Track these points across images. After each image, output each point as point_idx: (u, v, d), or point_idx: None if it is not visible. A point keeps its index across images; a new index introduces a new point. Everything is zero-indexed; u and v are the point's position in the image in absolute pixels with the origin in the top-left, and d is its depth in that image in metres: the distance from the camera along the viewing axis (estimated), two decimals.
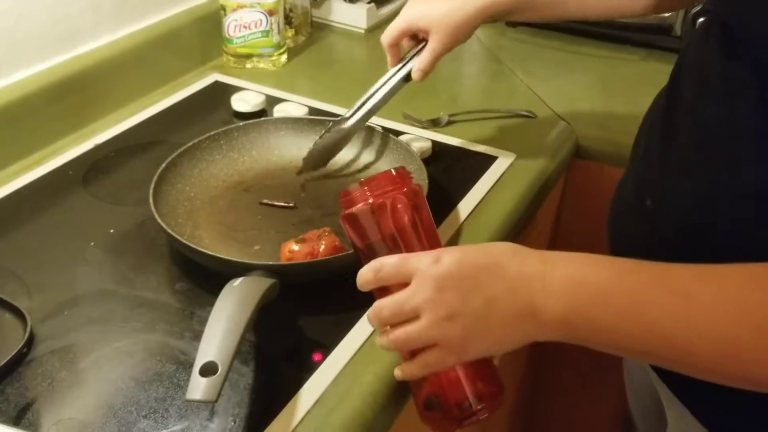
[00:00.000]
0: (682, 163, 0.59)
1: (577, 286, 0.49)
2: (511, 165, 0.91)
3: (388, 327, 0.54)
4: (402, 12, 0.82)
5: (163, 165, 0.79)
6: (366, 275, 0.54)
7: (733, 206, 0.53)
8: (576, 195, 1.06)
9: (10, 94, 0.88)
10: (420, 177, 0.80)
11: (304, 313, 0.69)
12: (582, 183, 1.04)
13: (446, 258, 0.51)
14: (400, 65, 0.83)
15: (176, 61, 1.10)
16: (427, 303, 0.50)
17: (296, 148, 0.89)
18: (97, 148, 0.93)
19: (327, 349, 0.65)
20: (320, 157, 0.86)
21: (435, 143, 0.92)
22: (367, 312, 0.55)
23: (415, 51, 0.82)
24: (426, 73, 0.81)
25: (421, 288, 0.51)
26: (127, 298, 0.70)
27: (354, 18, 1.29)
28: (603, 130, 1.01)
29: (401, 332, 0.52)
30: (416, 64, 0.81)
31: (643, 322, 0.47)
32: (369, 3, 1.30)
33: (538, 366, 1.24)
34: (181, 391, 0.60)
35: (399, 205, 0.56)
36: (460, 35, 0.80)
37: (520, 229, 0.87)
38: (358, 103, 0.84)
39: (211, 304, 0.59)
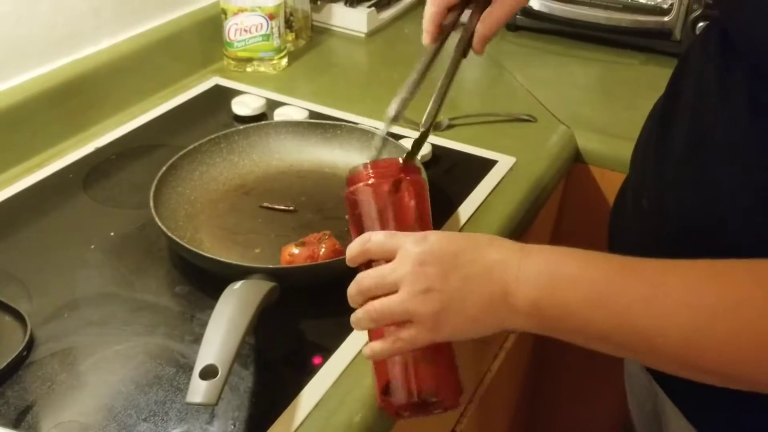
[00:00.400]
0: (679, 166, 0.60)
1: (549, 272, 0.50)
2: (511, 169, 0.91)
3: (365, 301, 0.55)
4: None
5: (164, 168, 0.80)
6: (354, 247, 0.55)
7: (728, 210, 0.53)
8: (576, 199, 1.06)
9: (11, 97, 0.89)
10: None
11: (304, 316, 0.69)
12: (582, 187, 1.04)
13: (431, 237, 0.53)
14: (442, 45, 0.69)
15: (177, 65, 1.10)
16: (407, 276, 0.51)
17: (297, 152, 0.89)
18: (98, 152, 0.93)
19: (327, 352, 0.65)
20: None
21: (435, 147, 0.93)
22: (349, 285, 0.55)
23: (453, 22, 0.70)
24: (489, 40, 0.69)
25: (404, 262, 0.52)
26: (128, 301, 0.70)
27: (354, 22, 1.29)
28: (603, 135, 1.01)
29: (378, 303, 0.53)
30: (479, 30, 0.69)
31: (608, 308, 0.48)
32: (369, 7, 1.30)
33: (539, 371, 1.23)
34: (181, 394, 0.60)
35: (400, 188, 0.56)
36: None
37: (521, 232, 0.87)
38: (405, 93, 0.69)
39: (211, 308, 0.59)
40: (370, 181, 0.57)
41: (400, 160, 0.59)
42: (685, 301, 0.46)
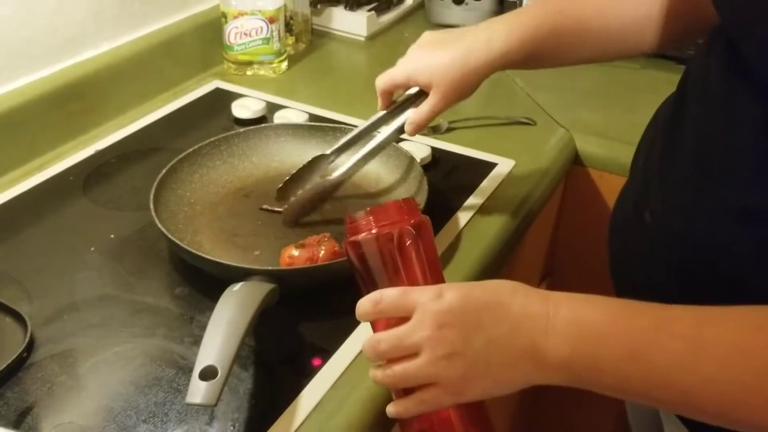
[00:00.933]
0: (682, 179, 0.59)
1: (580, 328, 0.48)
2: (511, 172, 0.91)
3: (384, 361, 0.53)
4: (401, 62, 0.75)
5: (164, 170, 0.80)
6: (365, 306, 0.53)
7: (731, 225, 0.53)
8: (575, 202, 1.06)
9: (11, 100, 0.89)
10: (420, 183, 0.81)
11: (303, 318, 0.69)
12: (581, 190, 1.04)
13: (448, 294, 0.50)
14: (393, 114, 0.76)
15: (177, 68, 1.10)
16: (427, 340, 0.49)
17: (297, 154, 0.89)
18: (98, 154, 0.94)
19: (327, 353, 0.65)
20: (302, 210, 0.79)
21: (435, 150, 0.93)
22: (363, 343, 0.54)
23: (409, 97, 0.76)
24: (421, 128, 0.74)
25: (422, 324, 0.50)
26: (127, 303, 0.71)
27: (354, 26, 1.29)
28: (602, 138, 1.01)
29: (399, 368, 0.51)
30: (412, 116, 0.74)
31: (645, 364, 0.46)
32: (369, 11, 1.31)
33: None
34: (180, 396, 0.60)
35: (405, 237, 0.54)
36: (465, 90, 0.72)
37: (520, 235, 0.87)
38: (342, 143, 0.78)
39: (211, 309, 0.59)
40: (374, 231, 0.54)
41: (401, 202, 0.57)
42: (726, 358, 0.44)
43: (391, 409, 0.54)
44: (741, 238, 0.52)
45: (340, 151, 0.79)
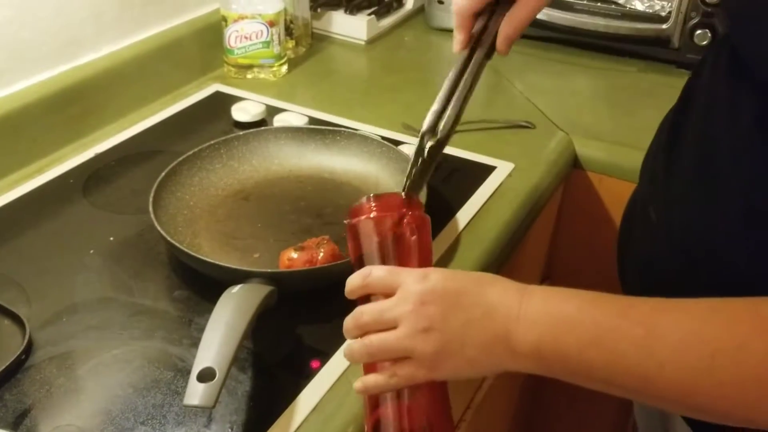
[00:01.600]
0: (686, 180, 0.59)
1: (549, 314, 0.50)
2: (510, 175, 0.91)
3: (362, 333, 0.54)
4: None
5: (163, 173, 0.80)
6: (354, 279, 0.55)
7: (733, 225, 0.53)
8: (574, 205, 1.06)
9: (12, 103, 0.89)
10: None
11: (302, 320, 0.69)
12: (580, 193, 1.04)
13: (433, 276, 0.52)
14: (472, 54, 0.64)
15: (177, 72, 1.10)
16: (407, 314, 0.51)
17: (296, 157, 0.89)
18: (98, 157, 0.94)
19: (325, 356, 0.65)
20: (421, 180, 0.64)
21: None
22: (346, 319, 0.54)
23: (486, 23, 0.65)
24: (512, 41, 0.65)
25: (405, 300, 0.52)
26: (126, 305, 0.71)
27: (354, 29, 1.30)
28: (601, 141, 1.02)
29: (376, 338, 0.53)
30: (503, 29, 0.63)
31: (606, 351, 0.48)
32: (369, 15, 1.31)
33: (540, 379, 1.23)
34: (178, 398, 0.60)
35: (402, 223, 0.56)
36: None
37: (519, 238, 0.87)
38: (438, 106, 0.64)
39: (210, 312, 0.60)
40: (373, 215, 0.56)
41: (403, 195, 0.58)
42: (680, 343, 0.46)
43: (358, 385, 0.54)
44: (742, 238, 0.52)
45: (441, 112, 0.63)
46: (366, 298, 0.55)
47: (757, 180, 0.51)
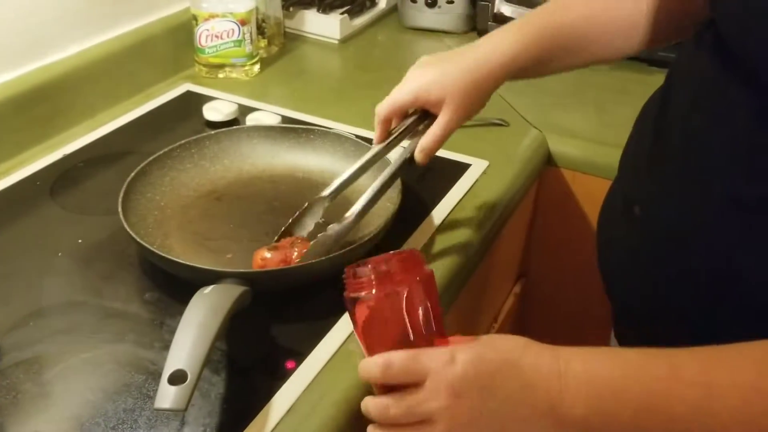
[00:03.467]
0: (671, 172, 0.59)
1: (593, 385, 0.48)
2: (484, 172, 0.91)
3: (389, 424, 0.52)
4: (406, 81, 0.70)
5: (133, 173, 0.78)
6: (373, 372, 0.51)
7: (718, 217, 0.53)
8: (549, 202, 1.06)
9: None
10: (394, 185, 0.80)
11: (277, 320, 0.68)
12: (555, 190, 1.04)
13: (460, 358, 0.49)
14: (389, 147, 0.71)
15: (147, 71, 1.09)
16: (444, 410, 0.48)
17: (269, 156, 0.88)
18: (66, 159, 0.92)
19: (300, 356, 0.64)
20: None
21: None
22: (366, 404, 0.52)
23: (407, 126, 0.71)
24: (434, 152, 0.69)
25: (437, 393, 0.48)
26: (96, 308, 0.69)
27: (327, 29, 1.29)
28: (574, 138, 1.02)
29: None
30: (423, 142, 0.69)
31: (663, 416, 0.47)
32: (342, 14, 1.30)
33: None
34: (150, 402, 0.59)
35: (412, 298, 0.51)
36: (479, 100, 0.69)
37: (494, 235, 0.87)
38: (338, 184, 0.72)
39: (182, 314, 0.58)
40: (381, 290, 0.51)
41: (406, 254, 0.54)
42: (741, 401, 0.44)
43: None
44: (729, 227, 0.52)
45: (336, 192, 0.73)
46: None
47: (747, 168, 0.51)
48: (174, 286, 0.70)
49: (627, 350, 0.50)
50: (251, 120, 0.98)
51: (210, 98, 1.04)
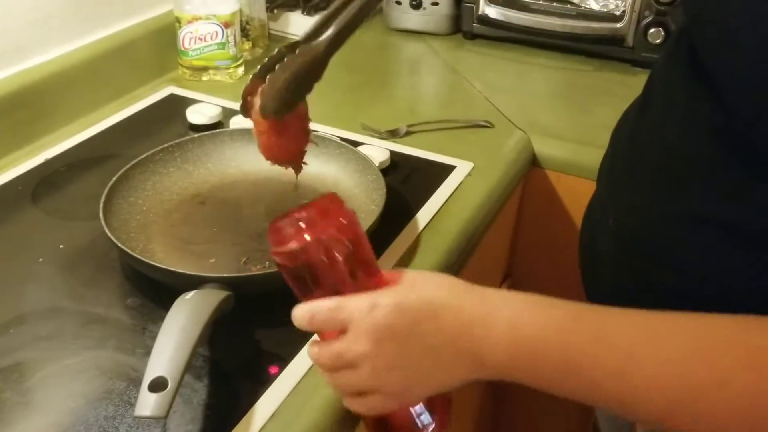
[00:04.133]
0: (644, 184, 0.59)
1: (517, 338, 0.48)
2: (469, 174, 0.91)
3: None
4: None
5: (115, 178, 0.78)
6: (300, 321, 0.52)
7: (688, 230, 0.53)
8: (534, 203, 1.06)
9: None
10: (378, 187, 0.80)
11: (260, 325, 0.67)
12: (539, 191, 1.05)
13: (382, 304, 0.49)
14: None
15: (130, 74, 1.08)
16: (365, 356, 0.50)
17: (254, 160, 0.88)
18: (48, 163, 0.91)
19: (284, 361, 0.63)
20: (286, 91, 0.60)
21: (393, 153, 0.92)
22: (307, 350, 0.54)
23: None
24: None
25: (357, 340, 0.50)
26: (77, 314, 0.68)
27: None
28: (559, 140, 1.02)
29: (342, 380, 0.52)
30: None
31: (578, 376, 0.47)
32: None
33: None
34: (131, 409, 0.58)
35: (334, 244, 0.51)
36: None
37: (479, 237, 0.87)
38: (314, 25, 0.63)
39: (164, 319, 0.58)
40: (306, 237, 0.51)
41: (326, 200, 0.54)
42: (658, 377, 0.45)
43: (345, 403, 0.55)
44: (695, 243, 0.52)
45: (313, 35, 0.63)
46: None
47: (706, 185, 0.51)
48: (156, 291, 0.69)
49: (560, 304, 0.50)
50: (235, 123, 0.97)
51: (194, 101, 1.04)
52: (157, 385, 0.50)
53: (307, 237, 0.51)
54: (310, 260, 0.51)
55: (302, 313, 0.52)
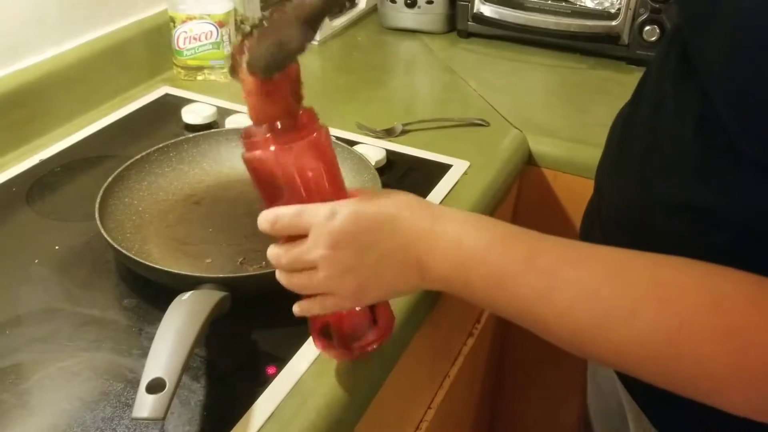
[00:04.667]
0: (633, 175, 0.60)
1: (459, 251, 0.51)
2: (465, 173, 0.91)
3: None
4: None
5: (110, 178, 0.77)
6: (263, 225, 0.55)
7: (670, 226, 0.54)
8: (529, 201, 1.06)
9: None
10: (374, 186, 0.80)
11: (257, 325, 0.67)
12: (535, 189, 1.05)
13: (341, 212, 0.52)
14: None
15: (125, 74, 1.08)
16: (323, 259, 0.52)
17: None
18: (42, 164, 0.91)
19: (281, 361, 0.63)
20: (276, 47, 0.53)
21: (389, 152, 0.92)
22: (267, 252, 0.56)
23: None
24: None
25: (317, 244, 0.52)
26: (73, 315, 0.68)
27: None
28: (555, 138, 1.02)
29: (298, 281, 0.55)
30: None
31: (508, 294, 0.50)
32: None
33: (499, 373, 1.24)
34: (129, 410, 0.58)
35: (303, 155, 0.53)
36: None
37: None
38: None
39: (161, 320, 0.58)
40: (272, 147, 0.52)
41: (300, 113, 0.54)
42: (577, 299, 0.47)
43: (296, 309, 0.57)
44: (679, 237, 0.53)
45: None
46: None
47: (693, 175, 0.52)
48: (153, 292, 0.69)
49: (503, 226, 0.52)
50: (230, 122, 0.97)
51: (188, 101, 1.04)
52: (155, 386, 0.50)
53: (272, 148, 0.52)
54: (273, 171, 0.53)
55: (266, 216, 0.54)
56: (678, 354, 0.44)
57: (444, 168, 0.92)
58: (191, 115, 0.98)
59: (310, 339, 0.65)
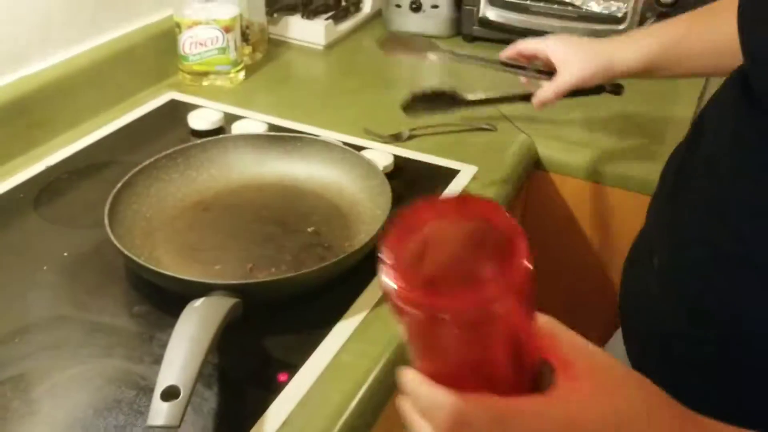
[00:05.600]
0: (689, 220, 0.56)
1: None
2: (474, 177, 0.91)
3: None
4: (538, 39, 0.89)
5: (119, 185, 0.77)
6: (438, 416, 0.38)
7: (729, 275, 0.51)
8: (538, 206, 1.06)
9: None
10: (383, 192, 0.80)
11: (269, 332, 0.67)
12: (543, 194, 1.04)
13: (550, 418, 0.37)
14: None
15: (130, 80, 1.07)
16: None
17: (257, 165, 0.87)
18: (49, 170, 0.90)
19: (293, 368, 0.63)
20: (424, 98, 0.92)
21: (397, 158, 0.92)
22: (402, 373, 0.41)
23: (538, 71, 0.90)
24: (548, 101, 0.88)
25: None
26: (83, 323, 0.68)
27: (312, 34, 1.28)
28: (562, 142, 1.02)
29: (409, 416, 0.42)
30: (543, 94, 0.88)
31: None
32: (327, 19, 1.30)
33: None
34: (142, 418, 0.58)
35: (484, 325, 0.33)
36: (590, 79, 0.85)
37: None
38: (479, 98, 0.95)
39: (172, 327, 0.57)
40: (454, 306, 0.32)
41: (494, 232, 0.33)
42: None
43: None
44: (740, 287, 0.50)
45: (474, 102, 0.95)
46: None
47: (759, 232, 0.49)
48: (163, 298, 0.69)
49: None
50: (237, 128, 0.97)
51: (195, 106, 1.03)
52: (170, 393, 0.50)
53: (459, 302, 0.31)
54: (438, 333, 0.33)
55: (442, 404, 0.37)
56: None
57: (452, 173, 0.91)
58: (198, 120, 0.98)
59: (322, 345, 0.65)
